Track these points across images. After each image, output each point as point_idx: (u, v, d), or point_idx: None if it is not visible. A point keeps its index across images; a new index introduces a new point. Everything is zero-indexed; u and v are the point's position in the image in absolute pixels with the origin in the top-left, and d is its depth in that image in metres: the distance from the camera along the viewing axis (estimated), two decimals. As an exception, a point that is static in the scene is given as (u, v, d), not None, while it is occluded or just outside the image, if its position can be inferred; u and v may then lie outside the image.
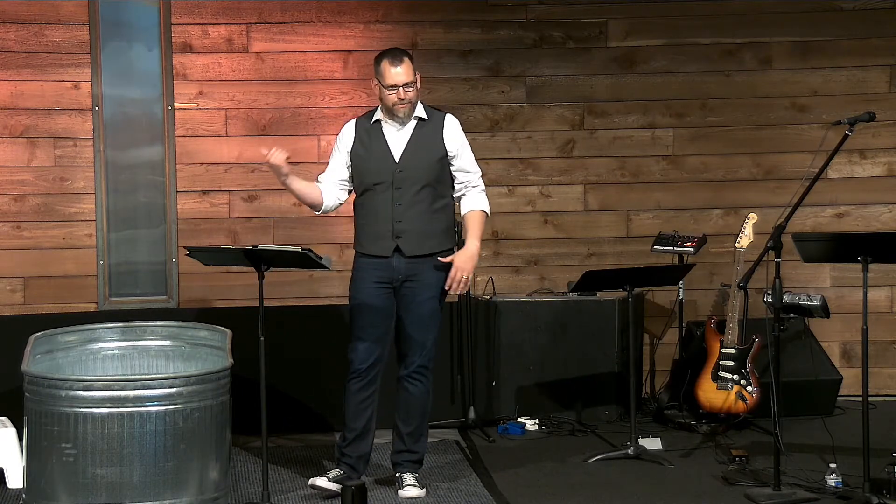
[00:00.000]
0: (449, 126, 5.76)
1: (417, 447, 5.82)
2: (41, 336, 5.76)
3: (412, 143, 5.69)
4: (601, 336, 7.24)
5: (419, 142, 5.69)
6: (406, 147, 5.68)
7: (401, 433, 5.81)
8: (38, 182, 7.37)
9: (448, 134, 5.73)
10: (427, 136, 5.71)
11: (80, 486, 5.19)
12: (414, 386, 5.75)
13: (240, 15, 7.47)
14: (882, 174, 7.80)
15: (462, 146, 5.77)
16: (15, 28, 7.30)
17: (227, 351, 5.64)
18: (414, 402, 5.77)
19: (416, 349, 5.71)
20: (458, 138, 5.76)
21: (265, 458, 5.47)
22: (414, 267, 5.66)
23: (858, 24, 7.71)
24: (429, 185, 5.67)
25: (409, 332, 5.71)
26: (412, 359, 5.73)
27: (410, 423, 5.78)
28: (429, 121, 5.74)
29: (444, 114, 5.82)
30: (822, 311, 6.74)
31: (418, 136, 5.70)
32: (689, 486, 5.90)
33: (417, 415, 5.78)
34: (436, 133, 5.72)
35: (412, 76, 5.63)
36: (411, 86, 5.63)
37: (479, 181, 5.84)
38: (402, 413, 5.80)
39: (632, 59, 7.71)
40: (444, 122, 5.76)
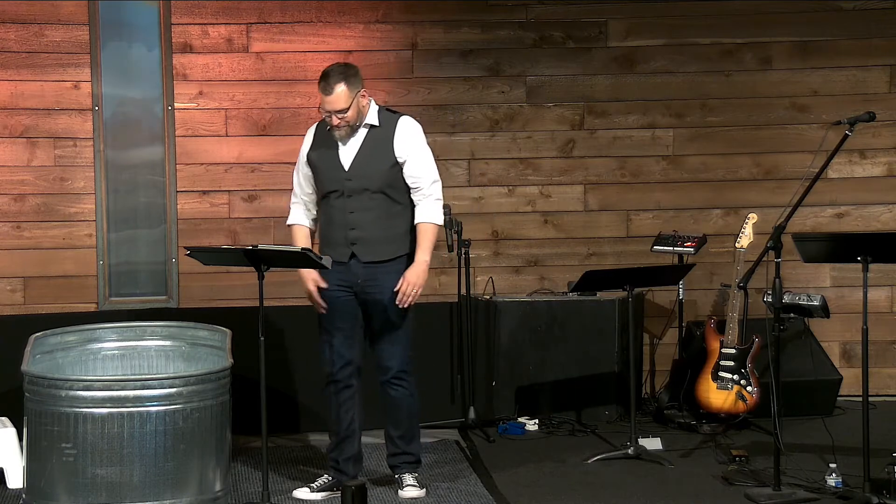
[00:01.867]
0: (400, 130, 5.62)
1: (412, 448, 5.78)
2: (41, 336, 5.76)
3: (362, 152, 5.59)
4: (601, 336, 7.24)
5: (369, 150, 5.59)
6: (356, 156, 5.59)
7: (392, 437, 5.77)
8: (38, 182, 7.37)
9: (398, 139, 5.60)
10: (377, 143, 5.60)
11: (80, 486, 5.19)
12: (396, 391, 5.70)
13: (240, 15, 7.47)
14: (882, 174, 7.80)
15: (413, 151, 5.60)
16: (15, 28, 7.30)
17: (227, 351, 5.64)
18: (399, 406, 5.72)
19: (389, 355, 5.65)
20: (408, 143, 5.60)
21: (265, 458, 5.47)
22: (372, 272, 5.60)
23: (858, 24, 7.71)
24: (382, 193, 5.58)
25: (379, 339, 5.67)
26: (388, 364, 5.67)
27: (400, 426, 5.74)
28: (381, 127, 5.61)
29: (399, 117, 5.67)
30: (822, 311, 6.74)
31: (368, 143, 5.60)
32: (689, 486, 5.90)
33: (405, 418, 5.74)
34: (387, 139, 5.60)
35: (345, 103, 5.49)
36: (343, 113, 5.50)
37: (433, 188, 5.64)
38: (391, 418, 5.76)
39: (632, 59, 7.71)
40: (397, 126, 5.62)
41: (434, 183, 5.65)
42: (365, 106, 5.61)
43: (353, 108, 5.54)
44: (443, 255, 7.49)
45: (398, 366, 5.67)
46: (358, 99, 5.56)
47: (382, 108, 5.71)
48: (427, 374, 7.14)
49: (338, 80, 5.53)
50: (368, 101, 5.65)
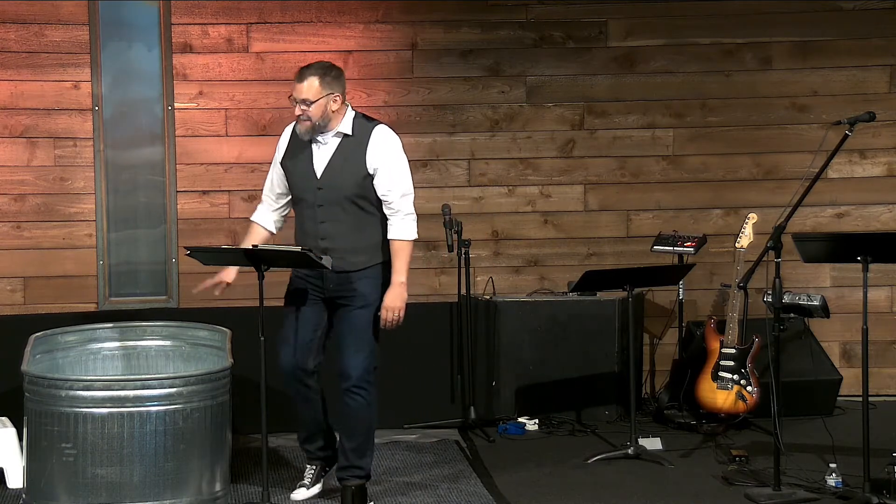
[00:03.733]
0: (374, 141, 5.50)
1: (363, 463, 5.63)
2: (41, 336, 5.76)
3: (334, 161, 5.51)
4: (601, 336, 7.23)
5: (341, 159, 5.50)
6: (328, 164, 5.51)
7: (345, 449, 5.64)
8: (38, 182, 7.37)
9: (371, 149, 5.49)
10: (350, 152, 5.50)
11: (80, 486, 5.19)
12: (353, 400, 5.55)
13: (240, 15, 7.47)
14: (882, 174, 7.80)
15: (384, 163, 5.48)
16: (15, 28, 7.30)
17: (227, 351, 5.65)
18: (354, 416, 5.58)
19: (352, 363, 5.53)
20: (381, 154, 5.49)
21: (265, 458, 5.47)
22: (344, 280, 5.52)
23: (858, 24, 7.71)
24: (353, 203, 5.49)
25: (344, 346, 5.58)
26: (349, 373, 5.54)
27: (355, 438, 5.61)
28: (354, 136, 5.51)
29: (374, 126, 5.55)
30: (822, 311, 6.75)
31: (341, 152, 5.52)
32: (689, 486, 5.90)
33: (361, 430, 5.60)
34: (359, 149, 5.50)
35: (312, 95, 5.42)
36: (308, 104, 5.44)
37: (402, 203, 5.52)
38: (346, 429, 5.63)
39: (632, 59, 7.71)
40: (370, 136, 5.50)
41: (404, 197, 5.52)
42: (335, 111, 5.49)
43: (318, 106, 5.45)
44: (443, 255, 7.50)
45: (359, 374, 5.53)
46: (328, 100, 5.45)
47: (359, 116, 5.59)
48: (427, 374, 7.18)
49: (314, 73, 5.48)
50: (344, 108, 5.53)
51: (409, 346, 7.15)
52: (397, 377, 7.10)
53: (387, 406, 6.97)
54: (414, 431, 7.03)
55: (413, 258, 7.55)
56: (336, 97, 5.48)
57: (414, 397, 7.16)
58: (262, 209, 5.79)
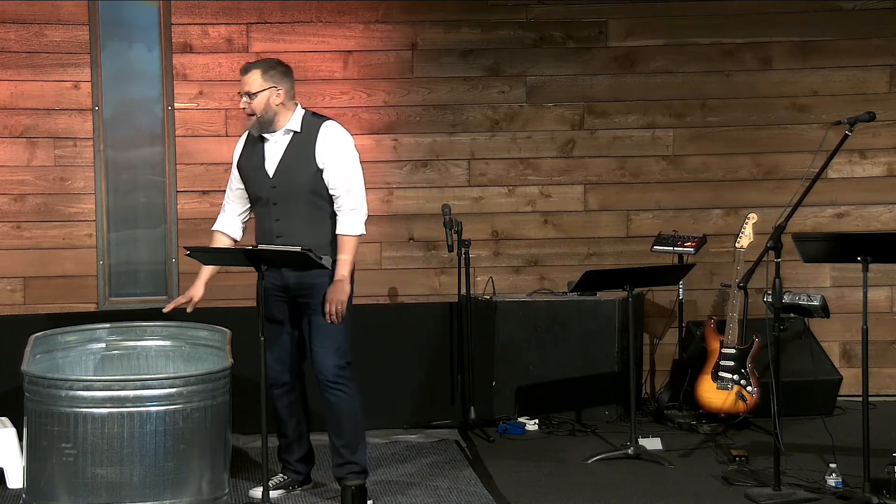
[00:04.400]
0: (322, 137, 5.51)
1: (356, 458, 5.63)
2: (41, 336, 5.76)
3: (285, 159, 5.54)
4: (601, 336, 7.23)
5: (292, 157, 5.53)
6: (279, 162, 5.54)
7: (336, 447, 5.62)
8: (38, 182, 7.38)
9: (320, 145, 5.51)
10: (300, 149, 5.52)
11: (80, 486, 5.19)
12: (334, 396, 5.56)
13: (240, 15, 7.47)
14: (882, 174, 7.80)
15: (333, 158, 5.49)
16: (15, 28, 7.30)
17: (227, 351, 5.64)
18: (338, 412, 5.58)
19: (322, 359, 5.54)
20: (329, 149, 5.50)
21: (265, 458, 5.47)
22: (302, 277, 5.53)
23: (858, 24, 7.71)
24: (306, 200, 5.51)
25: (313, 344, 5.58)
26: (321, 369, 5.55)
27: (343, 434, 5.60)
28: (303, 133, 5.54)
29: (323, 122, 5.56)
30: (822, 311, 6.75)
31: (291, 150, 5.54)
32: (689, 486, 5.90)
33: (347, 426, 5.59)
34: (308, 146, 5.51)
35: (253, 88, 5.47)
36: (252, 97, 5.48)
37: (349, 198, 5.50)
38: (332, 426, 5.62)
39: (632, 59, 7.71)
40: (319, 132, 5.52)
41: (350, 191, 5.51)
42: (279, 104, 5.51)
43: (260, 99, 5.49)
44: (443, 255, 7.50)
45: (332, 369, 5.54)
46: (271, 93, 5.49)
47: (308, 114, 5.61)
48: (427, 374, 7.17)
49: (257, 66, 5.54)
50: (293, 105, 5.56)
51: (409, 346, 7.16)
52: (397, 377, 7.11)
53: (387, 406, 7.00)
54: (414, 431, 7.03)
55: (413, 258, 7.65)
56: (279, 91, 5.52)
57: (414, 397, 7.16)
58: (222, 217, 5.83)
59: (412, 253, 7.65)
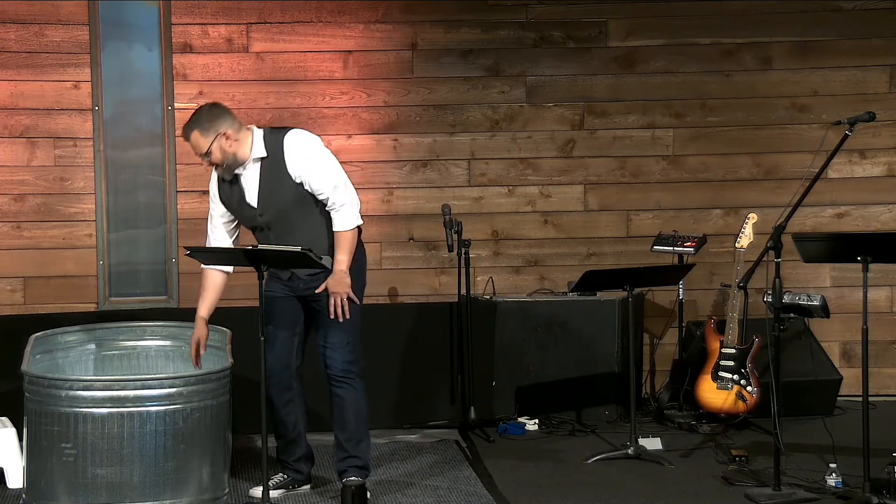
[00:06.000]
0: (288, 152, 5.50)
1: (359, 452, 5.66)
2: (41, 336, 5.76)
3: (263, 186, 5.54)
4: (601, 336, 7.23)
5: (268, 182, 5.53)
6: (259, 191, 5.55)
7: (339, 441, 5.67)
8: (38, 182, 7.37)
9: (289, 160, 5.49)
10: (273, 172, 5.52)
11: (80, 486, 5.19)
12: (342, 389, 5.61)
13: (240, 15, 7.47)
14: (882, 174, 7.80)
15: (307, 166, 5.49)
16: (15, 28, 7.30)
17: (227, 351, 5.64)
18: (344, 406, 5.62)
19: (332, 353, 5.58)
20: (299, 162, 5.49)
21: (265, 457, 5.47)
22: (311, 281, 5.57)
23: (858, 24, 7.71)
24: (297, 213, 5.53)
25: (324, 339, 5.62)
26: (331, 363, 5.59)
27: (347, 428, 5.64)
28: (269, 156, 5.51)
29: (284, 136, 5.53)
30: (822, 311, 6.74)
31: (265, 175, 5.54)
32: (689, 486, 5.90)
33: (352, 420, 5.63)
34: (280, 165, 5.50)
35: (202, 148, 5.47)
36: (207, 156, 5.48)
37: (338, 196, 5.50)
38: (337, 420, 5.66)
39: (632, 59, 7.71)
40: (284, 149, 5.50)
41: (336, 189, 5.51)
42: (234, 143, 5.49)
43: (215, 151, 5.47)
44: (443, 255, 7.50)
45: (341, 364, 5.59)
46: (220, 141, 5.46)
47: (267, 132, 5.58)
48: (427, 374, 7.17)
49: (191, 127, 5.50)
50: (247, 134, 5.53)
51: (409, 346, 7.16)
52: (397, 377, 7.11)
53: (387, 406, 7.00)
54: (414, 431, 7.03)
55: (413, 258, 7.65)
56: (226, 133, 5.48)
57: (414, 397, 7.16)
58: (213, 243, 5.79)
59: (412, 253, 7.65)
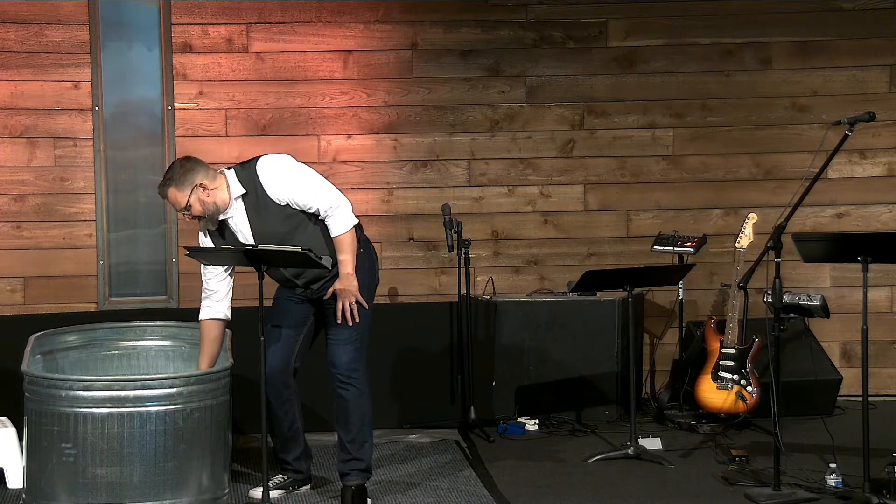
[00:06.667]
0: (265, 181, 5.46)
1: (362, 454, 5.64)
2: (41, 336, 5.76)
3: (253, 222, 5.53)
4: (601, 336, 7.23)
5: (257, 217, 5.52)
6: (251, 228, 5.54)
7: (343, 442, 5.66)
8: (38, 182, 7.37)
9: (270, 189, 5.47)
10: (258, 206, 5.51)
11: (80, 486, 5.19)
12: (346, 391, 5.60)
13: (240, 15, 7.47)
14: (882, 174, 7.80)
15: (288, 188, 5.46)
16: (15, 28, 7.30)
17: (227, 351, 5.64)
18: (348, 407, 5.61)
19: (338, 353, 5.58)
20: (278, 187, 5.47)
21: (265, 457, 5.47)
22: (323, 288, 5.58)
23: (858, 24, 7.71)
24: (295, 234, 5.52)
25: (331, 339, 5.63)
26: (336, 363, 5.59)
27: (350, 430, 5.63)
28: (248, 192, 5.50)
29: (255, 168, 5.49)
30: (822, 311, 6.74)
31: (252, 212, 5.53)
32: (689, 486, 5.90)
33: (355, 421, 5.62)
34: (262, 198, 5.48)
35: (181, 203, 5.46)
36: (187, 211, 5.48)
37: (325, 202, 5.48)
38: (341, 421, 5.66)
39: (632, 59, 7.71)
40: (259, 180, 5.47)
41: (321, 198, 5.49)
42: (212, 192, 5.47)
43: (195, 203, 5.46)
44: (443, 255, 7.50)
45: (346, 364, 5.58)
46: (196, 193, 5.45)
47: (238, 170, 5.55)
48: (427, 374, 7.17)
49: (167, 185, 5.48)
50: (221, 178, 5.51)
51: (409, 346, 7.16)
52: (397, 377, 7.11)
53: (387, 406, 7.00)
54: (414, 431, 7.03)
55: (413, 258, 7.65)
56: (201, 185, 5.47)
57: (414, 397, 7.16)
58: (209, 304, 5.75)
59: (412, 253, 7.65)
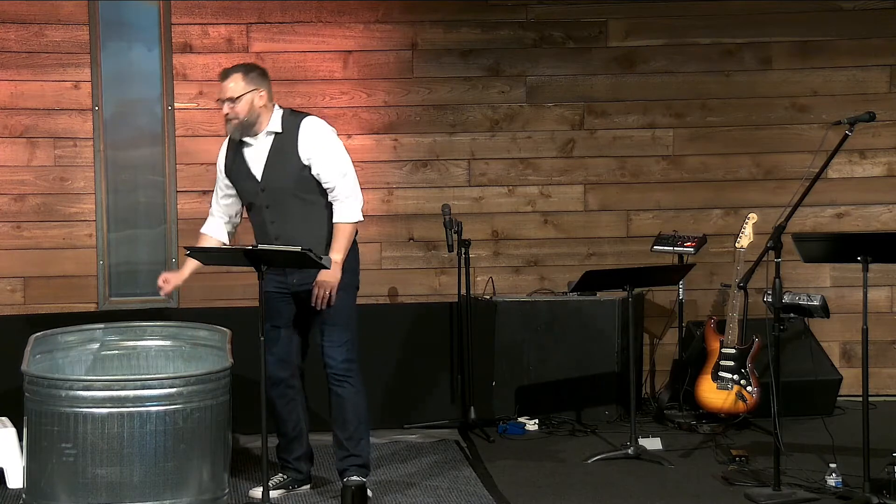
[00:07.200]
0: (303, 133, 5.53)
1: (360, 451, 5.66)
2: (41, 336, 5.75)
3: (270, 161, 5.55)
4: (601, 336, 7.23)
5: (276, 158, 5.55)
6: (265, 165, 5.56)
7: (340, 440, 5.67)
8: (38, 182, 7.38)
9: (302, 142, 5.52)
10: (283, 149, 5.54)
11: (80, 486, 5.19)
12: (341, 388, 5.62)
13: (240, 15, 7.47)
14: (882, 174, 7.80)
15: (317, 152, 5.51)
16: (15, 28, 7.30)
17: (227, 351, 5.64)
18: (344, 404, 5.63)
19: (329, 352, 5.60)
20: (311, 145, 5.51)
21: (265, 457, 5.47)
22: (303, 273, 5.55)
23: (858, 24, 7.71)
24: (296, 197, 5.54)
25: (321, 337, 5.64)
26: (328, 362, 5.61)
27: (347, 427, 5.65)
28: (284, 133, 5.55)
29: (302, 119, 5.58)
30: (822, 311, 6.74)
31: (274, 151, 5.56)
32: (689, 486, 5.90)
33: (352, 418, 5.64)
34: (290, 144, 5.53)
35: (235, 92, 5.49)
36: (235, 102, 5.50)
37: (344, 186, 5.53)
38: (337, 419, 5.67)
39: (632, 59, 7.71)
40: (299, 129, 5.53)
41: (345, 177, 5.53)
42: (261, 107, 5.54)
43: (244, 103, 5.51)
44: (443, 255, 7.50)
45: (338, 362, 5.60)
46: (254, 95, 5.51)
47: (287, 112, 5.63)
48: (427, 374, 7.17)
49: (237, 70, 5.56)
50: (271, 106, 5.59)
51: (409, 346, 7.16)
52: (397, 377, 7.11)
53: (387, 406, 7.01)
54: (414, 431, 7.03)
55: (413, 258, 7.65)
56: (262, 93, 5.55)
57: (414, 397, 7.16)
58: (211, 221, 5.85)
59: (412, 253, 7.65)
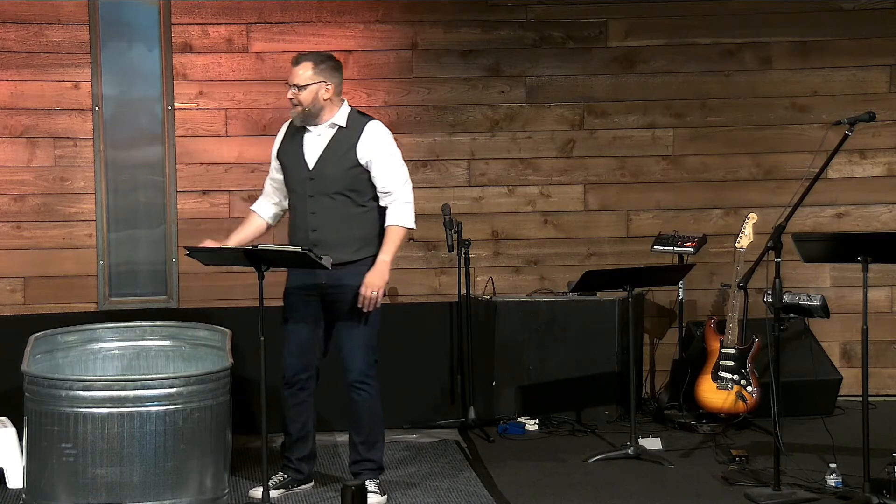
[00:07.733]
0: (367, 134, 5.57)
1: (373, 454, 5.72)
2: (41, 336, 5.76)
3: (327, 152, 5.58)
4: (601, 336, 7.23)
5: (333, 150, 5.58)
6: (320, 155, 5.59)
7: (355, 443, 5.73)
8: (38, 182, 7.38)
9: (363, 142, 5.56)
10: (342, 144, 5.57)
11: (80, 486, 5.19)
12: (358, 394, 5.65)
13: (240, 15, 7.47)
14: (882, 174, 7.80)
15: (378, 155, 5.56)
16: (15, 28, 7.30)
17: (227, 351, 5.64)
18: (360, 410, 5.67)
19: (351, 358, 5.63)
20: (373, 147, 5.56)
21: (265, 458, 5.48)
22: (335, 275, 5.54)
23: (858, 24, 7.71)
24: (343, 194, 5.56)
25: (343, 342, 5.66)
26: (350, 367, 5.64)
27: (362, 432, 5.70)
28: (347, 129, 5.59)
29: (368, 121, 5.63)
30: (822, 311, 6.75)
31: (333, 144, 5.59)
32: (689, 486, 5.90)
33: (367, 423, 5.69)
34: (351, 141, 5.57)
35: (301, 80, 5.52)
36: (300, 90, 5.52)
37: (401, 192, 5.59)
38: (353, 423, 5.72)
39: (632, 59, 7.71)
40: (363, 130, 5.58)
41: (406, 184, 5.61)
42: (327, 100, 5.57)
43: (309, 92, 5.54)
44: (443, 255, 7.50)
45: (359, 369, 5.63)
46: (320, 87, 5.54)
47: (354, 112, 5.67)
48: (427, 374, 7.18)
49: (309, 59, 5.59)
50: (339, 101, 5.62)
51: (409, 346, 7.16)
52: (397, 377, 7.11)
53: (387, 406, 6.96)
54: (414, 431, 7.03)
55: (413, 258, 7.65)
56: (328, 86, 5.57)
57: (414, 397, 7.16)
58: (262, 200, 5.91)
59: (412, 253, 7.65)
